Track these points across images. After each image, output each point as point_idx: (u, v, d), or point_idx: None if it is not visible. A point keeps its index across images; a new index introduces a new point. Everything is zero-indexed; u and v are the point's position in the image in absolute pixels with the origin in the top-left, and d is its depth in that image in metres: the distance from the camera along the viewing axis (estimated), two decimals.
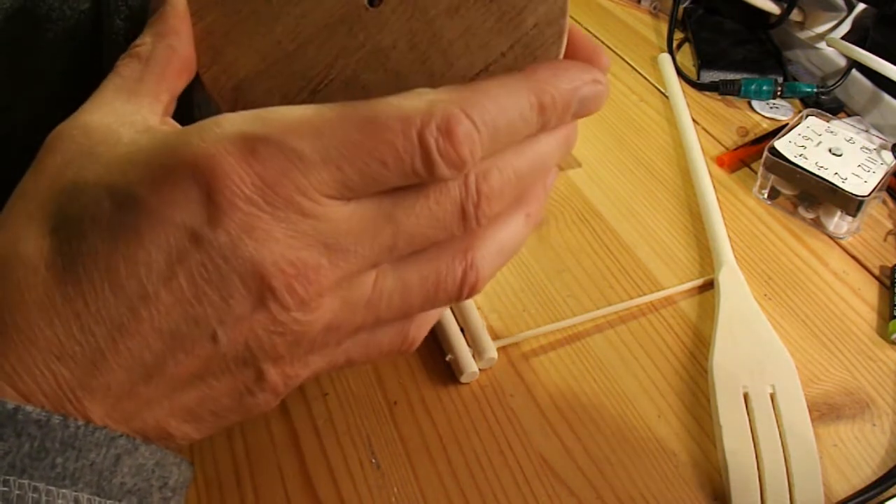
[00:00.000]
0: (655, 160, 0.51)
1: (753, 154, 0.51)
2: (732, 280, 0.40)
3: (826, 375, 0.37)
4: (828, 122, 0.48)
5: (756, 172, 0.49)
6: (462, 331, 0.36)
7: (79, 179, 0.20)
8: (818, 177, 0.44)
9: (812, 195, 0.45)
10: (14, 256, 0.20)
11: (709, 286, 0.41)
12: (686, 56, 0.63)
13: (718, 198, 0.46)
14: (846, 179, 0.43)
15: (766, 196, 0.47)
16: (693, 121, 0.53)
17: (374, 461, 0.32)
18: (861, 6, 0.56)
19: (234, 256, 0.19)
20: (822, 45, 0.58)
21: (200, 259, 0.19)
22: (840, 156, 0.45)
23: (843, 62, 0.56)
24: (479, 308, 0.39)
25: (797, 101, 0.57)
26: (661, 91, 0.58)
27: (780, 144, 0.46)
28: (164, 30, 0.24)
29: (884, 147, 0.46)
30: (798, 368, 0.36)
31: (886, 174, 0.44)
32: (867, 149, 0.46)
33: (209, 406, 0.22)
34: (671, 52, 0.61)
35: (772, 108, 0.56)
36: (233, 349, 0.21)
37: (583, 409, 0.35)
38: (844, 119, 0.54)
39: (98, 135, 0.22)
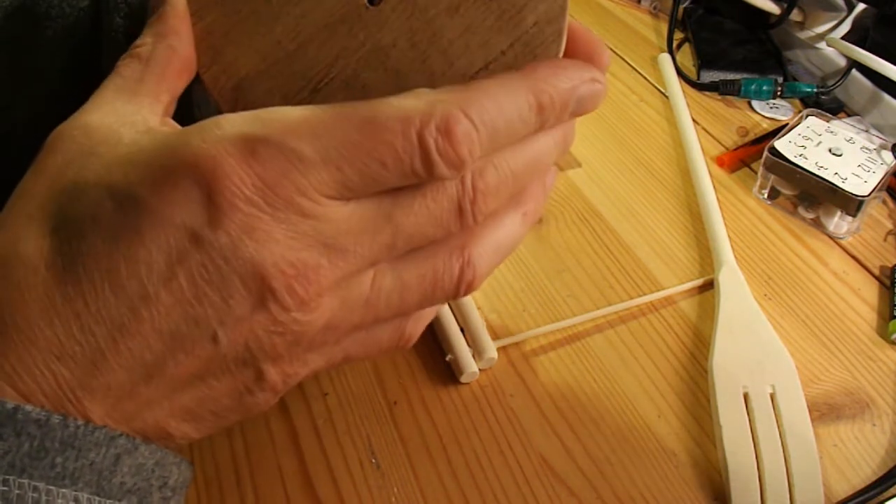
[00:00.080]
0: (655, 160, 0.51)
1: (753, 154, 0.51)
2: (732, 280, 0.40)
3: (826, 375, 0.37)
4: (828, 122, 0.48)
5: (756, 172, 0.49)
6: (462, 331, 0.36)
7: (79, 180, 0.20)
8: (818, 177, 0.44)
9: (812, 195, 0.45)
10: (14, 256, 0.20)
11: (709, 286, 0.41)
12: (686, 56, 0.63)
13: (718, 198, 0.46)
14: (846, 179, 0.43)
15: (766, 196, 0.47)
16: (693, 121, 0.53)
17: (374, 461, 0.32)
18: (861, 6, 0.56)
19: (235, 257, 0.19)
20: (822, 45, 0.58)
21: (201, 260, 0.19)
22: (840, 156, 0.45)
23: (843, 62, 0.56)
24: (479, 308, 0.39)
25: (797, 101, 0.57)
26: (661, 91, 0.58)
27: (780, 144, 0.46)
28: (165, 30, 0.24)
29: (884, 147, 0.46)
30: (798, 368, 0.36)
31: (886, 174, 0.44)
32: (867, 149, 0.46)
33: (209, 406, 0.22)
34: (671, 52, 0.61)
35: (772, 108, 0.56)
36: (233, 349, 0.21)
37: (583, 409, 0.35)
38: (844, 119, 0.54)
39: (99, 135, 0.21)
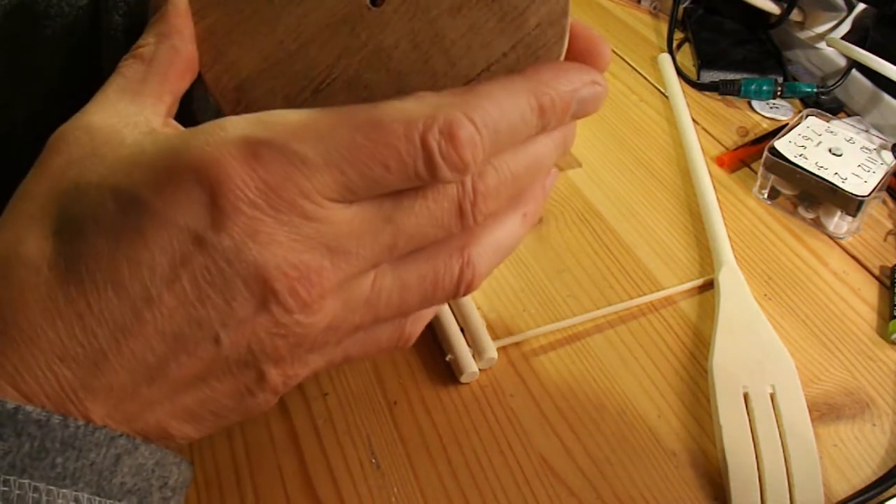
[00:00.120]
0: (655, 160, 0.51)
1: (753, 154, 0.51)
2: (732, 280, 0.40)
3: (826, 375, 0.37)
4: (828, 122, 0.48)
5: (756, 172, 0.49)
6: (462, 331, 0.36)
7: (82, 181, 0.20)
8: (818, 177, 0.44)
9: (812, 195, 0.45)
10: (16, 257, 0.20)
11: (709, 286, 0.41)
12: (686, 56, 0.63)
13: (718, 198, 0.46)
14: (846, 179, 0.43)
15: (766, 196, 0.47)
16: (693, 121, 0.53)
17: (374, 461, 0.32)
18: (861, 6, 0.56)
19: (238, 260, 0.19)
20: (822, 45, 0.58)
21: (204, 262, 0.19)
22: (840, 156, 0.45)
23: (843, 62, 0.56)
24: (479, 308, 0.39)
25: (797, 101, 0.57)
26: (661, 91, 0.58)
27: (780, 144, 0.46)
28: (167, 30, 0.24)
29: (884, 147, 0.46)
30: (798, 368, 0.36)
31: (886, 174, 0.44)
32: (867, 149, 0.46)
33: (210, 406, 0.22)
34: (671, 52, 0.61)
35: (772, 108, 0.56)
36: (235, 351, 0.21)
37: (583, 409, 0.35)
38: (844, 119, 0.54)
39: (101, 136, 0.21)
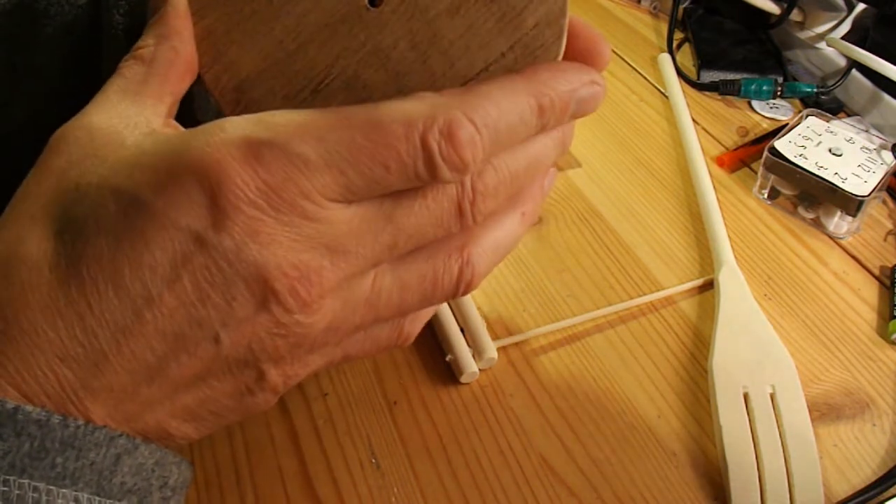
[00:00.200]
0: (655, 160, 0.51)
1: (753, 154, 0.51)
2: (732, 280, 0.40)
3: (826, 375, 0.37)
4: (828, 122, 0.48)
5: (756, 172, 0.49)
6: (462, 331, 0.36)
7: (83, 181, 0.20)
8: (818, 177, 0.44)
9: (812, 195, 0.45)
10: (17, 258, 0.20)
11: (709, 286, 0.41)
12: (686, 56, 0.63)
13: (718, 198, 0.46)
14: (846, 179, 0.43)
15: (766, 196, 0.47)
16: (693, 121, 0.53)
17: (374, 461, 0.32)
18: (861, 6, 0.56)
19: (238, 260, 0.20)
20: (822, 45, 0.58)
21: (204, 262, 0.19)
22: (840, 156, 0.45)
23: (843, 62, 0.56)
24: (479, 308, 0.39)
25: (797, 101, 0.57)
26: (661, 91, 0.58)
27: (780, 144, 0.46)
28: (167, 31, 0.24)
29: (884, 147, 0.46)
30: (798, 368, 0.36)
31: (886, 174, 0.44)
32: (867, 149, 0.46)
33: (210, 406, 0.22)
34: (671, 52, 0.61)
35: (772, 108, 0.56)
36: (235, 351, 0.21)
37: (583, 409, 0.35)
38: (844, 119, 0.54)
39: (102, 137, 0.21)
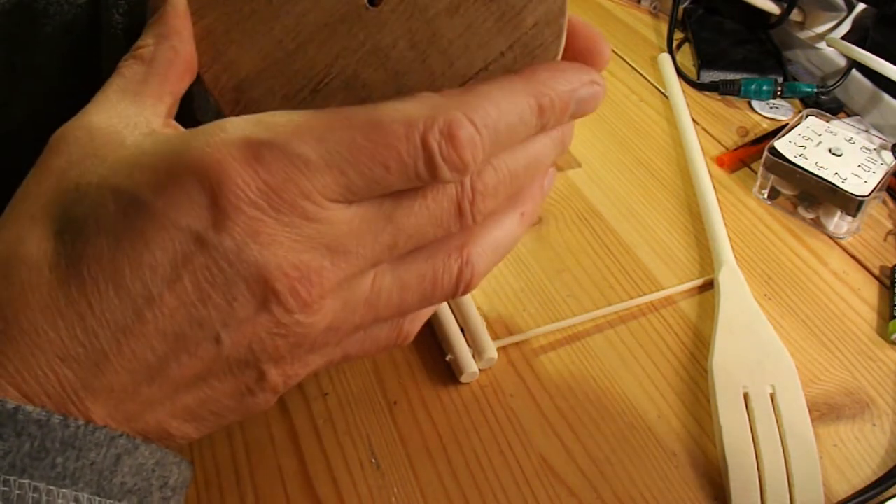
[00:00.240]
0: (655, 160, 0.51)
1: (753, 154, 0.51)
2: (732, 280, 0.40)
3: (826, 375, 0.37)
4: (828, 122, 0.48)
5: (756, 172, 0.49)
6: (462, 331, 0.36)
7: (83, 181, 0.20)
8: (818, 177, 0.44)
9: (812, 195, 0.45)
10: (17, 258, 0.20)
11: (709, 286, 0.41)
12: (686, 56, 0.63)
13: (718, 198, 0.46)
14: (846, 179, 0.43)
15: (766, 196, 0.47)
16: (693, 121, 0.53)
17: (374, 461, 0.32)
18: (861, 6, 0.56)
19: (239, 260, 0.20)
20: (822, 45, 0.58)
21: (205, 262, 0.19)
22: (840, 156, 0.45)
23: (843, 62, 0.56)
24: (479, 308, 0.39)
25: (797, 101, 0.57)
26: (661, 91, 0.58)
27: (780, 144, 0.46)
28: (166, 31, 0.24)
29: (884, 147, 0.46)
30: (798, 368, 0.36)
31: (886, 174, 0.44)
32: (867, 149, 0.46)
33: (210, 406, 0.22)
34: (671, 52, 0.61)
35: (772, 108, 0.56)
36: (235, 351, 0.21)
37: (583, 409, 0.35)
38: (844, 119, 0.54)
39: (102, 137, 0.21)
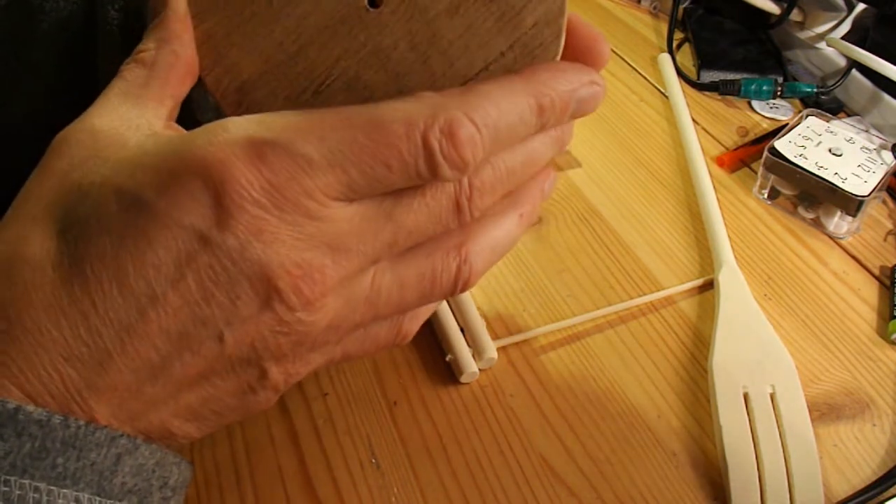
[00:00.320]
0: (655, 160, 0.51)
1: (753, 154, 0.51)
2: (732, 280, 0.40)
3: (826, 375, 0.37)
4: (828, 122, 0.48)
5: (756, 172, 0.49)
6: (462, 331, 0.36)
7: (85, 182, 0.21)
8: (818, 177, 0.44)
9: (812, 195, 0.45)
10: (20, 258, 0.20)
11: (709, 286, 0.41)
12: (686, 56, 0.63)
13: (718, 198, 0.46)
14: (846, 179, 0.43)
15: (766, 196, 0.47)
16: (693, 121, 0.53)
17: (374, 461, 0.32)
18: (861, 6, 0.56)
19: (242, 259, 0.20)
20: (822, 45, 0.58)
21: (209, 261, 0.20)
22: (840, 156, 0.45)
23: (843, 62, 0.56)
24: (479, 308, 0.39)
25: (797, 101, 0.57)
26: (661, 91, 0.58)
27: (780, 144, 0.46)
28: (167, 35, 0.24)
29: (884, 147, 0.46)
30: (798, 368, 0.36)
31: (886, 174, 0.44)
32: (867, 149, 0.46)
33: (212, 405, 0.22)
34: (671, 52, 0.61)
35: (772, 108, 0.56)
36: (238, 349, 0.21)
37: (583, 409, 0.35)
38: (844, 119, 0.54)
39: (104, 138, 0.22)
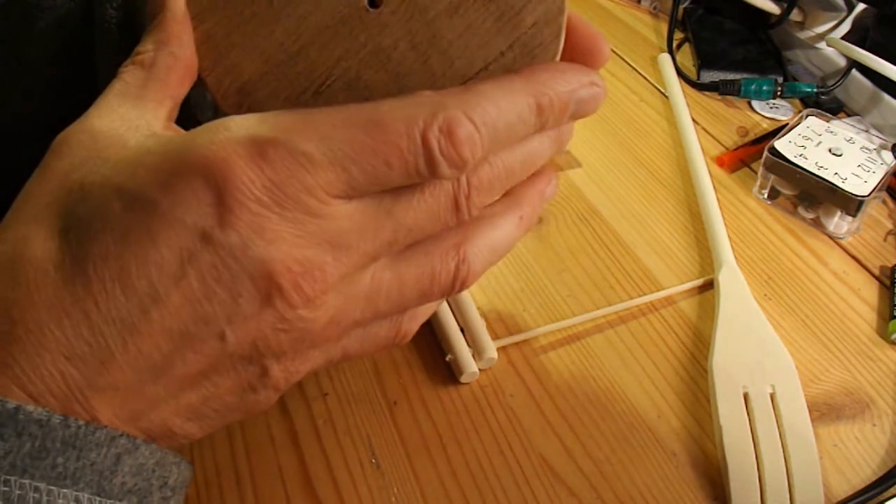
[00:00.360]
0: (655, 160, 0.51)
1: (753, 154, 0.51)
2: (732, 280, 0.40)
3: (826, 375, 0.37)
4: (828, 122, 0.48)
5: (756, 172, 0.49)
6: (462, 331, 0.36)
7: (87, 182, 0.21)
8: (818, 177, 0.44)
9: (812, 195, 0.45)
10: (22, 258, 0.20)
11: (709, 286, 0.41)
12: (686, 56, 0.63)
13: (718, 198, 0.46)
14: (846, 179, 0.43)
15: (766, 196, 0.47)
16: (693, 121, 0.53)
17: (374, 461, 0.32)
18: (861, 6, 0.56)
19: (244, 256, 0.20)
20: (822, 45, 0.58)
21: (211, 259, 0.20)
22: (840, 156, 0.45)
23: (843, 62, 0.56)
24: (479, 308, 0.39)
25: (797, 101, 0.57)
26: (661, 91, 0.58)
27: (780, 144, 0.46)
28: (165, 37, 0.24)
29: (884, 147, 0.46)
30: (798, 368, 0.36)
31: (886, 174, 0.44)
32: (867, 149, 0.46)
33: (213, 404, 0.22)
34: (671, 52, 0.61)
35: (772, 108, 0.56)
36: (240, 347, 0.21)
37: (583, 409, 0.35)
38: (844, 119, 0.54)
39: (104, 139, 0.22)
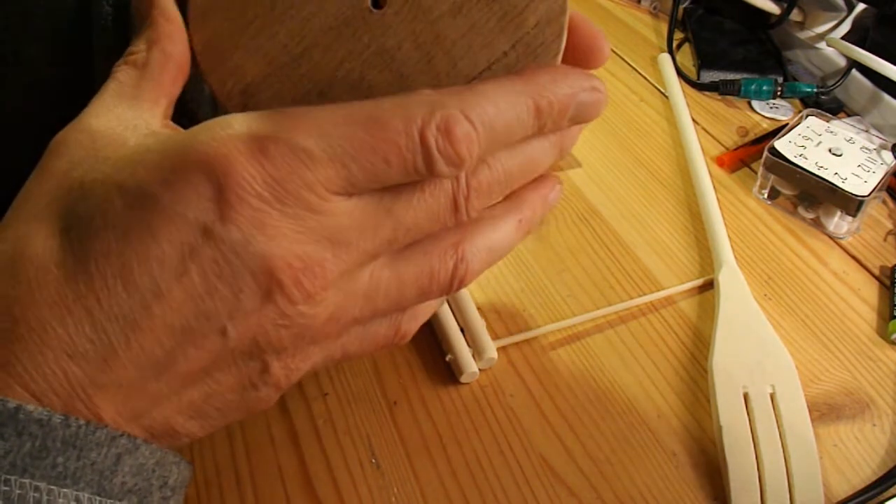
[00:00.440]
0: (655, 160, 0.51)
1: (753, 154, 0.51)
2: (732, 280, 0.40)
3: (826, 375, 0.37)
4: (828, 122, 0.48)
5: (756, 172, 0.49)
6: (462, 331, 0.36)
7: (87, 180, 0.21)
8: (818, 177, 0.44)
9: (812, 195, 0.45)
10: (23, 257, 0.20)
11: (709, 286, 0.41)
12: (686, 56, 0.63)
13: (718, 198, 0.46)
14: (846, 179, 0.43)
15: (766, 196, 0.47)
16: (693, 121, 0.53)
17: (374, 461, 0.32)
18: (861, 6, 0.56)
19: (245, 252, 0.20)
20: (822, 45, 0.58)
21: (212, 255, 0.20)
22: (840, 156, 0.45)
23: (843, 62, 0.56)
24: (479, 308, 0.39)
25: (797, 101, 0.57)
26: (661, 91, 0.58)
27: (780, 144, 0.46)
28: (156, 36, 0.25)
29: (884, 147, 0.46)
30: (798, 368, 0.36)
31: (886, 174, 0.44)
32: (867, 149, 0.46)
33: (214, 402, 0.22)
34: (671, 52, 0.61)
35: (772, 108, 0.56)
36: (241, 343, 0.21)
37: (583, 410, 0.35)
38: (844, 119, 0.54)
39: (103, 138, 0.22)
